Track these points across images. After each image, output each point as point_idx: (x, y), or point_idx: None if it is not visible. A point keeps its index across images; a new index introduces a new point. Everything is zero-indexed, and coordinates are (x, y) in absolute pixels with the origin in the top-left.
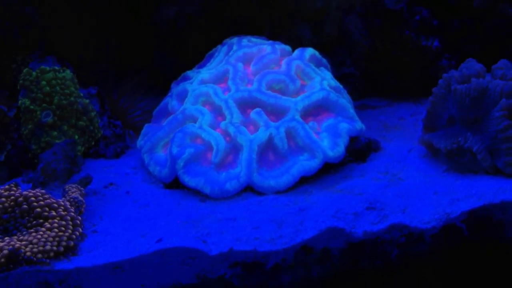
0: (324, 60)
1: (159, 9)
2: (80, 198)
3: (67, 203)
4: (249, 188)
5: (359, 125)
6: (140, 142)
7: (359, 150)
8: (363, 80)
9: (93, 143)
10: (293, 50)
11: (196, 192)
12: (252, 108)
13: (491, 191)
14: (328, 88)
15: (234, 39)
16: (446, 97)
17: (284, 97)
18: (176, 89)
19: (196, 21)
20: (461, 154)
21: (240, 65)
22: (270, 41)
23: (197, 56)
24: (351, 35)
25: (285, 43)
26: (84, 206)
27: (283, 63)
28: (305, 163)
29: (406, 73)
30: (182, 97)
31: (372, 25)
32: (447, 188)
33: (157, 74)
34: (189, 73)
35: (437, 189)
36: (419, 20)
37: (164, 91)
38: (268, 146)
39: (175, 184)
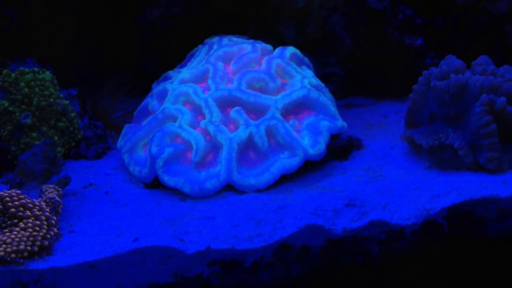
0: (306, 59)
1: (143, 10)
2: (57, 198)
3: (43, 203)
4: (230, 187)
5: (340, 123)
6: (120, 142)
7: (340, 148)
8: (348, 79)
9: (73, 144)
10: None
11: (176, 192)
12: (232, 106)
13: (472, 187)
14: (309, 86)
15: (215, 39)
16: (426, 94)
17: (264, 96)
18: (156, 89)
19: (180, 22)
20: (442, 150)
21: (220, 64)
22: (251, 40)
23: (181, 56)
24: (335, 35)
25: (269, 43)
26: (61, 206)
27: (264, 61)
28: (285, 161)
29: (390, 72)
30: (162, 96)
31: (356, 24)
32: (428, 185)
33: (140, 75)
34: (170, 73)
35: (418, 186)
36: (403, 18)
37: (147, 91)
38: (248, 145)
39: (155, 183)
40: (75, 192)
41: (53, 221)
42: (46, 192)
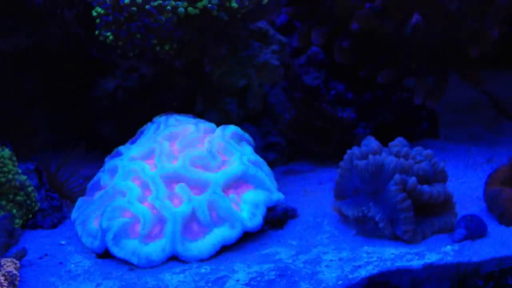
0: (246, 135)
1: (98, 83)
2: (15, 272)
3: (1, 277)
4: (175, 257)
5: (275, 196)
6: (73, 214)
7: (276, 219)
8: (290, 147)
9: (30, 215)
10: (221, 123)
11: (126, 262)
12: (177, 182)
13: (389, 257)
14: (247, 162)
15: (163, 118)
16: (350, 170)
17: (206, 173)
18: (108, 164)
19: (134, 94)
20: (366, 221)
21: (166, 143)
22: (196, 120)
23: (137, 125)
24: (276, 107)
25: (215, 116)
26: (18, 279)
27: (206, 141)
28: (226, 233)
29: (326, 141)
30: (113, 172)
31: (294, 98)
32: (353, 254)
33: (96, 144)
34: (121, 148)
35: (344, 256)
36: (335, 94)
37: (102, 160)
38: (192, 218)
39: (107, 254)
40: (31, 263)
41: None
42: (4, 265)
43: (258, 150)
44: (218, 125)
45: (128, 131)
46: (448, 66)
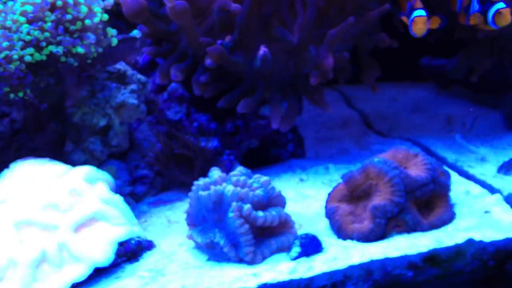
0: (104, 173)
1: None
2: None
3: None
4: None
5: (129, 229)
6: None
7: (130, 252)
8: (159, 178)
9: None
10: (87, 163)
11: None
12: (29, 225)
13: (228, 280)
14: (101, 201)
15: (18, 162)
16: (198, 200)
17: (57, 215)
18: None
19: (5, 139)
20: (214, 247)
21: (17, 187)
22: (52, 162)
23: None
24: (143, 142)
25: (80, 156)
26: None
27: (58, 183)
28: (75, 272)
29: (190, 170)
30: None
31: (159, 132)
32: (197, 280)
33: None
34: None
35: (187, 282)
36: (197, 126)
37: None
38: (43, 259)
39: None
40: None
41: None
42: None
43: (125, 184)
44: (84, 164)
45: None
46: (298, 92)
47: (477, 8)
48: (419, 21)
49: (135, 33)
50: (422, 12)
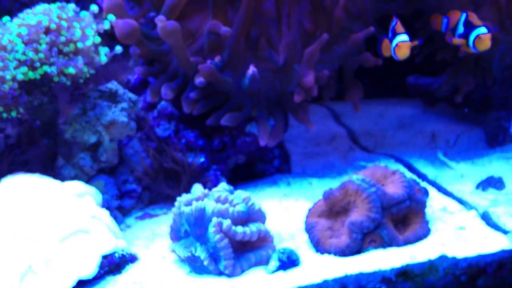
0: (92, 188)
1: None
2: None
3: None
4: None
5: (113, 243)
6: None
7: (114, 265)
8: (147, 192)
9: None
10: (77, 177)
11: None
12: (16, 240)
13: None
14: (87, 216)
15: (8, 176)
16: (181, 215)
17: (44, 230)
18: None
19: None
20: (196, 260)
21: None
22: (42, 177)
23: None
24: (133, 158)
25: (71, 171)
26: None
27: (46, 197)
28: (60, 284)
29: (179, 184)
30: None
31: (149, 148)
32: None
33: None
34: None
35: None
36: (186, 143)
37: None
38: (29, 272)
39: None
40: None
41: None
42: None
43: (113, 198)
44: (74, 179)
45: None
46: (284, 110)
47: (462, 31)
48: (403, 46)
49: (118, 49)
50: (405, 37)
